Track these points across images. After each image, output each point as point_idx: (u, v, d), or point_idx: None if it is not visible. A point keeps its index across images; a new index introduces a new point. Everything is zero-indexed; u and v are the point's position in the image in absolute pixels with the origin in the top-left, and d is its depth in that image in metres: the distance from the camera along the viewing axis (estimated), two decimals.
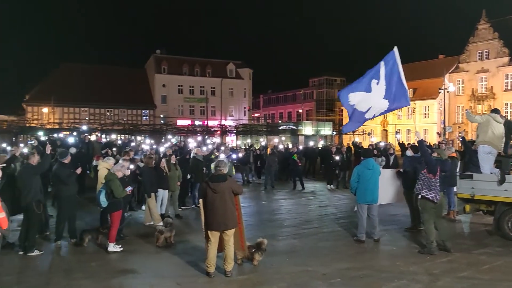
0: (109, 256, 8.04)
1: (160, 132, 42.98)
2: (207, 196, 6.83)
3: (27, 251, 8.00)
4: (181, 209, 12.36)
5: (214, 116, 60.18)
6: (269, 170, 17.92)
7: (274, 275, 7.01)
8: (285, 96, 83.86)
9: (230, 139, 48.72)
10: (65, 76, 55.24)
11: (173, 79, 60.70)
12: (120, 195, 8.27)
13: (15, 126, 39.66)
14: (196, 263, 7.46)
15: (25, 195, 8.14)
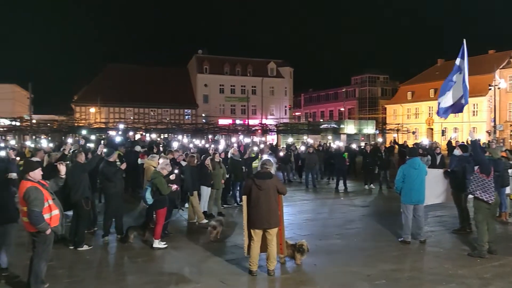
0: (154, 253, 8.21)
1: (202, 131, 43.60)
2: (251, 193, 6.86)
3: (77, 246, 8.31)
4: (223, 207, 12.47)
5: (255, 115, 60.40)
6: (309, 169, 17.79)
7: (317, 275, 6.96)
8: (326, 94, 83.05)
9: (270, 138, 48.78)
10: (111, 77, 57.06)
11: (215, 79, 61.41)
12: (165, 192, 8.43)
13: (64, 126, 41.38)
14: (238, 262, 7.51)
15: (74, 192, 8.45)
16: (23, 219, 5.90)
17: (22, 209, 5.85)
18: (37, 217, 5.66)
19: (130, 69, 59.02)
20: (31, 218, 5.66)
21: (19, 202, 5.98)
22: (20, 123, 39.10)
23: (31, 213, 5.65)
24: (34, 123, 39.90)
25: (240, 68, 63.05)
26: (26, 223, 5.85)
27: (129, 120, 49.77)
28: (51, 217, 5.89)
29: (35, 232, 5.87)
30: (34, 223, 5.68)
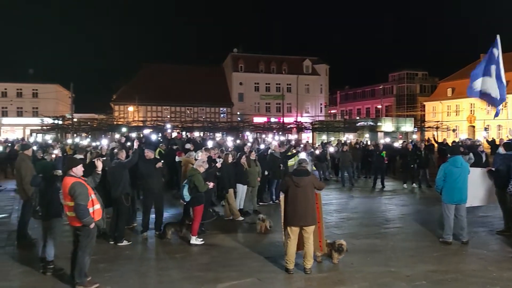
0: (191, 249, 8.33)
1: (237, 129, 43.82)
2: (289, 191, 6.88)
3: (117, 241, 8.52)
4: (259, 205, 12.50)
5: (290, 113, 60.19)
6: (345, 167, 17.56)
7: (355, 274, 6.86)
8: (363, 91, 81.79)
9: (306, 135, 48.49)
10: (149, 76, 58.26)
11: (250, 77, 61.62)
12: (203, 190, 8.52)
13: (104, 124, 42.50)
14: (275, 259, 7.50)
15: (115, 189, 8.68)
16: (67, 214, 6.10)
17: (67, 204, 6.06)
18: (83, 210, 5.86)
19: (167, 68, 60.01)
20: (77, 212, 5.86)
21: (63, 197, 6.19)
22: (62, 122, 40.41)
23: (78, 207, 5.84)
24: (75, 121, 41.14)
25: (275, 66, 62.98)
26: (71, 218, 6.05)
27: (166, 119, 50.60)
28: (94, 211, 6.08)
29: (79, 226, 6.07)
30: (80, 216, 5.87)
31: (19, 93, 60.24)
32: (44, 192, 6.93)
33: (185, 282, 6.53)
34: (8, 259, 7.55)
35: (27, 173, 8.54)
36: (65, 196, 6.05)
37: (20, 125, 58.54)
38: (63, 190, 6.07)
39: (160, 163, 9.50)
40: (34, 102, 60.28)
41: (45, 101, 59.42)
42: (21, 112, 60.44)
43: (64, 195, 6.06)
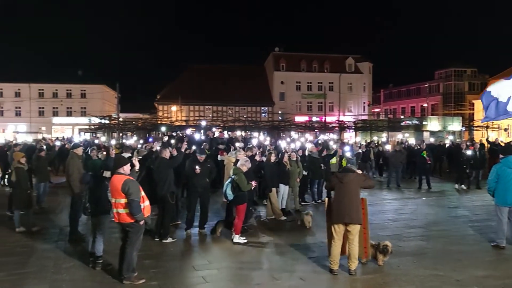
0: (234, 247, 8.37)
1: (278, 129, 43.74)
2: (334, 188, 6.87)
3: (163, 238, 8.68)
4: (301, 205, 12.42)
5: (332, 112, 59.53)
6: (394, 167, 17.16)
7: (402, 277, 6.68)
8: (408, 90, 79.65)
9: (348, 135, 47.80)
10: (192, 76, 59.21)
11: (291, 76, 61.39)
12: (245, 189, 8.55)
13: (148, 124, 43.49)
14: (318, 260, 7.43)
15: (161, 187, 8.84)
16: (118, 211, 6.25)
17: (117, 201, 6.22)
18: (137, 207, 6.05)
19: (209, 68, 60.77)
20: (132, 207, 6.04)
21: (111, 193, 6.35)
22: (109, 121, 41.66)
23: (132, 203, 6.02)
24: (121, 121, 42.30)
25: (317, 65, 62.45)
26: (122, 214, 6.20)
27: (208, 118, 51.22)
28: (144, 207, 6.24)
29: (130, 223, 6.22)
30: (134, 212, 6.05)
31: (68, 93, 62.72)
32: (93, 190, 7.15)
33: (228, 280, 6.58)
34: (60, 253, 7.85)
35: (74, 171, 8.91)
36: (116, 194, 6.20)
37: (70, 124, 60.92)
38: (113, 187, 6.23)
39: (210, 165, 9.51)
40: (82, 102, 62.61)
41: (92, 101, 61.60)
42: (70, 112, 62.89)
43: (114, 192, 6.22)
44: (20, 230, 9.41)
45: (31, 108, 61.17)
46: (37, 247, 8.31)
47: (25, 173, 9.91)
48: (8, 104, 60.25)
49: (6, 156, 16.61)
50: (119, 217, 6.29)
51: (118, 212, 6.28)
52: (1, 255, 7.74)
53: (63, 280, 6.52)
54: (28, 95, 61.11)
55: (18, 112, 61.35)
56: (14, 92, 61.08)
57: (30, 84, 60.47)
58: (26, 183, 9.88)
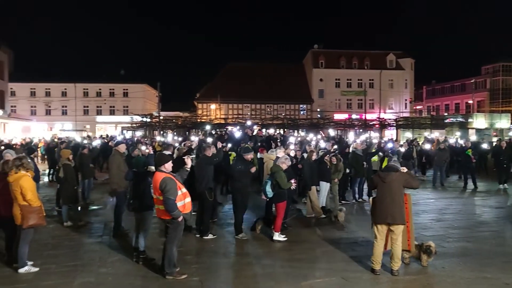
0: (274, 245, 8.38)
1: (317, 126, 43.39)
2: (377, 187, 6.75)
3: (203, 234, 8.79)
4: (341, 203, 12.27)
5: (373, 109, 58.42)
6: (438, 166, 16.66)
7: (447, 279, 6.48)
8: (451, 86, 77.06)
9: (389, 132, 46.81)
10: (231, 75, 59.60)
11: (330, 73, 60.71)
12: (285, 187, 8.53)
13: (188, 122, 44.17)
14: (360, 259, 7.32)
15: (199, 184, 8.94)
16: (158, 207, 6.39)
17: (157, 198, 6.36)
18: (172, 205, 6.12)
19: (248, 67, 60.98)
20: (167, 205, 6.13)
21: (154, 190, 6.49)
22: (150, 119, 42.57)
23: (167, 201, 6.12)
24: (161, 119, 43.13)
25: (357, 61, 61.45)
26: (161, 211, 6.34)
27: (247, 116, 51.43)
28: (185, 204, 6.33)
29: (169, 219, 6.34)
30: (169, 210, 6.14)
31: (111, 92, 64.64)
32: (137, 186, 7.33)
33: (268, 278, 6.58)
34: (105, 248, 8.11)
35: (112, 167, 9.23)
36: (155, 190, 6.35)
37: (112, 122, 62.76)
38: (154, 184, 6.37)
39: (253, 168, 9.38)
40: (125, 101, 64.34)
41: (134, 100, 63.22)
42: (113, 110, 64.80)
43: (155, 189, 6.36)
44: (67, 225, 9.78)
45: (76, 107, 63.48)
46: (83, 241, 8.62)
47: (72, 169, 10.28)
48: (55, 103, 62.77)
49: (54, 153, 17.30)
50: (160, 213, 6.42)
51: (158, 208, 6.42)
52: (51, 248, 8.08)
53: (109, 273, 6.73)
54: (73, 95, 63.44)
55: (65, 111, 63.77)
56: (61, 91, 63.54)
57: (75, 84, 62.77)
58: (73, 180, 10.24)
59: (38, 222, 6.76)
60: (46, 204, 7.00)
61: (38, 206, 6.78)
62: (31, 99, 62.30)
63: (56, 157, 14.75)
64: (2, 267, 6.96)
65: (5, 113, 43.51)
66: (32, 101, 62.44)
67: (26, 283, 6.27)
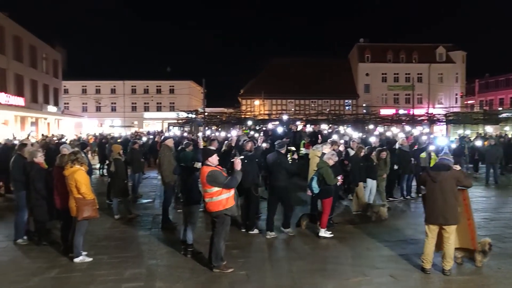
0: (320, 241, 8.31)
1: (363, 122, 42.60)
2: (426, 186, 6.50)
3: (249, 229, 8.83)
4: (389, 200, 11.99)
5: (421, 104, 56.65)
6: (491, 163, 15.94)
7: (503, 280, 6.20)
8: (506, 79, 73.31)
9: (439, 128, 45.28)
10: (275, 70, 59.53)
11: (377, 67, 59.38)
12: (332, 183, 8.43)
13: (232, 118, 44.52)
14: (409, 257, 7.14)
15: (245, 179, 8.93)
16: (206, 200, 6.47)
17: (205, 191, 6.44)
18: (232, 181, 6.34)
19: (292, 62, 60.65)
20: (231, 182, 6.34)
21: (202, 184, 6.58)
22: (195, 116, 43.20)
23: (230, 183, 6.32)
24: (206, 115, 43.68)
25: (405, 55, 59.70)
26: (209, 204, 6.41)
27: (291, 112, 51.22)
28: (229, 197, 6.40)
29: (216, 214, 6.41)
30: (233, 184, 6.38)
31: (158, 89, 66.29)
32: (185, 180, 7.46)
33: (316, 274, 6.53)
34: (154, 240, 8.32)
35: (163, 162, 9.44)
36: (204, 184, 6.44)
37: (159, 119, 64.35)
38: (201, 178, 6.46)
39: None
40: (171, 97, 65.79)
41: (180, 96, 64.52)
42: (160, 107, 66.44)
43: (203, 183, 6.45)
44: (118, 217, 10.12)
45: (125, 103, 65.53)
46: (133, 233, 8.88)
47: (122, 164, 10.60)
48: (105, 100, 65.09)
49: (104, 148, 17.93)
50: (208, 207, 6.50)
51: (206, 202, 6.50)
52: (103, 239, 8.38)
53: (158, 265, 6.90)
54: (122, 92, 65.52)
55: (114, 107, 65.98)
56: (110, 89, 65.76)
57: (124, 81, 64.79)
58: (123, 174, 10.57)
59: (91, 215, 7.02)
60: (97, 198, 7.27)
61: (92, 199, 7.04)
62: (82, 96, 64.82)
63: (107, 152, 15.25)
64: (59, 256, 7.30)
65: (59, 110, 45.50)
66: (84, 98, 64.96)
67: (81, 272, 6.54)
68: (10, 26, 33.93)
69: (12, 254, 7.58)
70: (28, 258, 7.31)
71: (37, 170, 7.79)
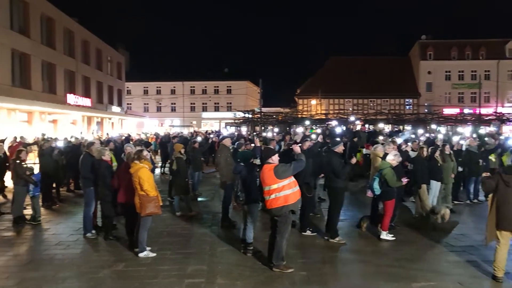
0: (381, 244, 8.10)
1: (424, 122, 41.04)
2: (497, 190, 6.12)
3: (302, 230, 8.70)
4: (454, 203, 11.46)
5: (488, 103, 53.77)
6: None
7: None
8: None
9: (508, 128, 42.77)
10: (332, 69, 58.85)
11: (440, 65, 57.02)
12: (394, 185, 8.16)
13: (289, 117, 44.45)
14: (478, 264, 6.79)
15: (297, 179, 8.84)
16: (269, 197, 6.44)
17: (268, 189, 6.43)
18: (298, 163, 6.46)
19: (350, 61, 59.66)
20: (297, 165, 6.45)
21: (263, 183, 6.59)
22: (252, 115, 43.56)
23: (296, 167, 6.42)
24: (263, 115, 43.88)
25: (470, 51, 56.85)
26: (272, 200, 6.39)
27: (348, 111, 50.36)
28: (290, 194, 6.38)
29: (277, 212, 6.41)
30: (299, 166, 6.50)
31: (216, 90, 67.63)
32: (244, 179, 7.51)
33: (378, 277, 6.36)
34: (214, 238, 8.46)
35: (221, 161, 9.62)
36: (268, 180, 6.42)
37: (217, 118, 65.60)
38: (265, 176, 6.46)
39: (354, 159, 9.03)
40: (228, 97, 66.87)
41: (237, 96, 65.41)
42: (217, 107, 67.75)
43: (266, 180, 6.44)
44: (179, 214, 10.38)
45: (184, 103, 67.39)
46: (194, 230, 9.08)
47: (184, 162, 10.89)
48: (165, 100, 67.26)
49: (167, 147, 18.47)
50: (269, 204, 6.46)
51: (267, 200, 6.49)
52: (166, 235, 8.63)
53: (219, 262, 7.01)
54: (181, 92, 67.44)
55: (173, 107, 68.05)
56: (170, 89, 67.92)
57: (183, 82, 66.66)
58: (185, 172, 10.84)
59: (154, 211, 7.24)
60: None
61: (155, 196, 7.26)
62: (144, 97, 67.35)
63: (169, 151, 15.70)
64: (124, 250, 7.61)
65: (122, 110, 47.54)
66: (145, 99, 67.50)
67: (146, 267, 6.77)
68: (79, 31, 35.87)
69: (82, 247, 7.98)
70: (96, 252, 7.68)
71: (105, 168, 8.18)
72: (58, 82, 31.40)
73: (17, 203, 9.82)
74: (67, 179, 14.08)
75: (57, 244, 8.11)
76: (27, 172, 9.56)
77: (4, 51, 24.45)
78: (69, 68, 33.59)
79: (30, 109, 25.95)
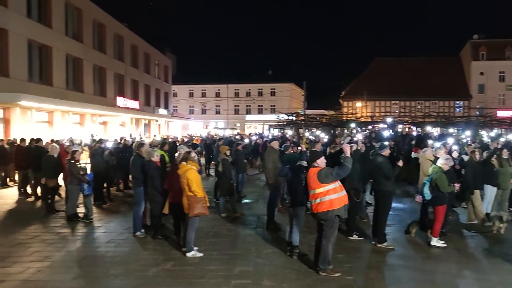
0: (431, 250, 7.85)
1: (476, 125, 39.44)
2: None
3: (348, 234, 8.56)
4: (510, 210, 10.92)
5: None
6: None
7: None
8: None
9: None
10: (378, 71, 57.66)
11: (493, 65, 54.61)
12: (446, 190, 7.88)
13: (334, 120, 44.00)
14: None
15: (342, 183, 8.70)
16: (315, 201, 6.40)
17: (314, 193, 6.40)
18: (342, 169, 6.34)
19: (397, 62, 58.30)
20: (342, 170, 6.34)
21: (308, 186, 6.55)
22: (296, 118, 43.45)
23: (340, 172, 6.32)
24: (307, 117, 43.66)
25: None
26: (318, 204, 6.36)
27: (395, 114, 49.23)
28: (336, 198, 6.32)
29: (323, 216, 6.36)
30: (343, 172, 6.37)
31: (260, 92, 67.93)
32: (291, 182, 7.49)
33: (427, 284, 6.18)
34: (260, 240, 8.48)
35: (268, 163, 9.67)
36: (313, 185, 6.39)
37: (260, 121, 65.78)
38: (310, 179, 6.43)
39: (400, 161, 8.80)
40: (272, 100, 66.94)
41: (281, 99, 65.40)
42: (261, 109, 67.93)
43: (312, 184, 6.41)
44: (224, 215, 10.49)
45: (228, 106, 68.13)
46: (240, 231, 9.14)
47: (229, 164, 11.00)
48: (210, 103, 68.25)
49: (211, 149, 18.75)
50: (315, 208, 6.42)
51: (313, 204, 6.45)
52: (212, 236, 8.74)
53: (265, 264, 7.02)
54: (226, 95, 68.25)
55: (218, 110, 68.93)
56: (215, 92, 68.88)
57: (227, 85, 67.43)
58: (230, 173, 10.96)
59: (202, 212, 7.35)
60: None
61: (202, 196, 7.37)
62: (189, 100, 68.63)
63: (215, 152, 15.91)
64: (172, 249, 7.77)
65: (168, 113, 48.66)
66: (190, 101, 68.76)
67: (193, 266, 6.88)
68: (129, 36, 37.08)
69: (132, 245, 8.22)
70: (145, 250, 7.89)
71: (154, 169, 8.38)
72: (108, 85, 32.59)
73: (71, 201, 10.24)
74: (116, 179, 14.55)
75: (108, 242, 8.40)
76: (81, 172, 9.96)
77: (59, 56, 25.66)
78: (119, 72, 34.77)
79: (82, 111, 27.08)
